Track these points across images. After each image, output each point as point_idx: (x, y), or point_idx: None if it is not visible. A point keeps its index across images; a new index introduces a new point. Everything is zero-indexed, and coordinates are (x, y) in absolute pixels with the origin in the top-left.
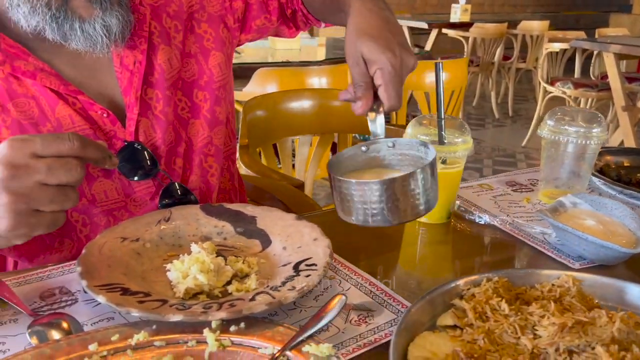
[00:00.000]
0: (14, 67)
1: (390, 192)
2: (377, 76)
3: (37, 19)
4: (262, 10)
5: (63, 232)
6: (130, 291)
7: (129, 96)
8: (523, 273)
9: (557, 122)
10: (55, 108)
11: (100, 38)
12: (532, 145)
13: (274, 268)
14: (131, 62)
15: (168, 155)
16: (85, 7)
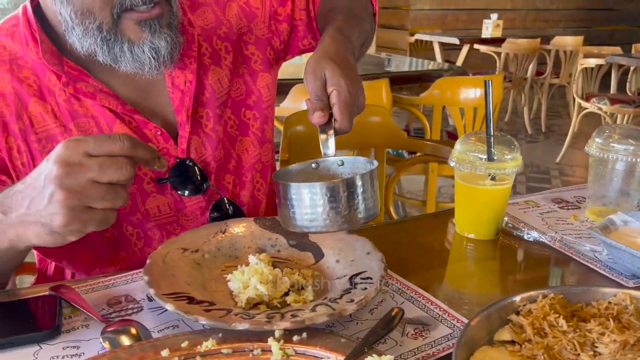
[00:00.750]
0: (76, 88)
1: (329, 196)
2: (333, 95)
3: (89, 41)
4: (309, 30)
5: (119, 245)
6: (196, 300)
7: (181, 115)
8: (579, 290)
9: (605, 139)
10: (112, 127)
11: (148, 60)
12: (567, 161)
13: (329, 280)
14: (182, 82)
15: (218, 171)
16: (134, 30)
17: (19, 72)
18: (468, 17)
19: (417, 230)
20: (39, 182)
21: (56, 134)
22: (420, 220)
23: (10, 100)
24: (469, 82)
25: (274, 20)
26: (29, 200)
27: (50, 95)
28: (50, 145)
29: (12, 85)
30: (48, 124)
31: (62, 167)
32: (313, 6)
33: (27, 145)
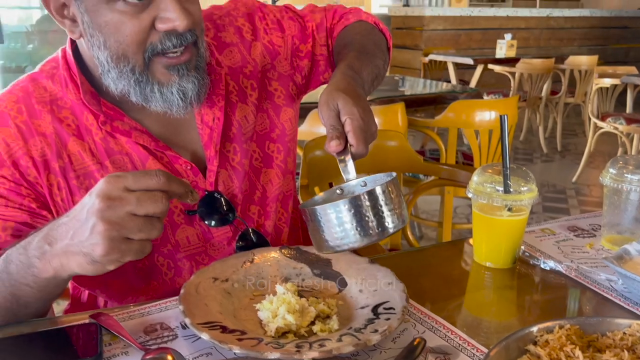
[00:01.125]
0: (113, 126)
1: (354, 210)
2: (347, 123)
3: (123, 82)
4: (329, 64)
5: (150, 275)
6: (228, 329)
7: (210, 150)
8: (594, 321)
9: (619, 170)
10: (145, 163)
11: (176, 101)
12: (583, 181)
13: (352, 310)
14: (210, 119)
15: (244, 203)
16: (163, 73)
17: (59, 113)
18: (482, 36)
19: (436, 259)
20: (81, 214)
21: (93, 171)
22: (438, 248)
23: (51, 140)
24: (483, 105)
25: (295, 57)
26: (72, 232)
27: (88, 134)
28: (87, 181)
29: (53, 125)
30: (86, 161)
31: (103, 201)
32: (331, 41)
33: (67, 182)
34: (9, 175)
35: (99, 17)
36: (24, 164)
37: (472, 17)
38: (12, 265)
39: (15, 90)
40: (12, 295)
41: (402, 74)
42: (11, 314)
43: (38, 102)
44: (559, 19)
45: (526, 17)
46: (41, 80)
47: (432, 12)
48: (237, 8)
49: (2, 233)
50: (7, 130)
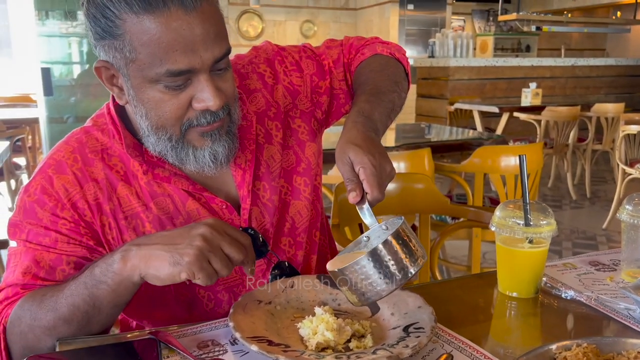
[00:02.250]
0: (154, 174)
1: (375, 263)
2: (361, 173)
3: (161, 147)
4: (350, 97)
5: (192, 306)
6: (274, 343)
7: (243, 190)
8: (610, 341)
9: (635, 206)
10: (185, 203)
11: (207, 163)
12: (614, 227)
13: (385, 330)
14: (243, 161)
15: (275, 236)
16: (198, 139)
17: (109, 161)
18: (507, 85)
19: (463, 289)
20: (185, 231)
21: (139, 212)
22: (465, 279)
23: (102, 185)
24: (509, 151)
25: (315, 94)
26: (170, 239)
27: (134, 179)
28: (134, 221)
29: (104, 172)
30: (132, 203)
31: (209, 229)
32: (349, 75)
33: (117, 223)
34: (69, 217)
35: (143, 94)
36: (81, 206)
37: (497, 67)
38: (97, 268)
39: (71, 141)
40: (90, 297)
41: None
42: (86, 319)
43: (91, 151)
44: (584, 68)
45: (551, 66)
46: (93, 132)
47: (457, 63)
48: (258, 55)
49: (66, 267)
50: (66, 177)
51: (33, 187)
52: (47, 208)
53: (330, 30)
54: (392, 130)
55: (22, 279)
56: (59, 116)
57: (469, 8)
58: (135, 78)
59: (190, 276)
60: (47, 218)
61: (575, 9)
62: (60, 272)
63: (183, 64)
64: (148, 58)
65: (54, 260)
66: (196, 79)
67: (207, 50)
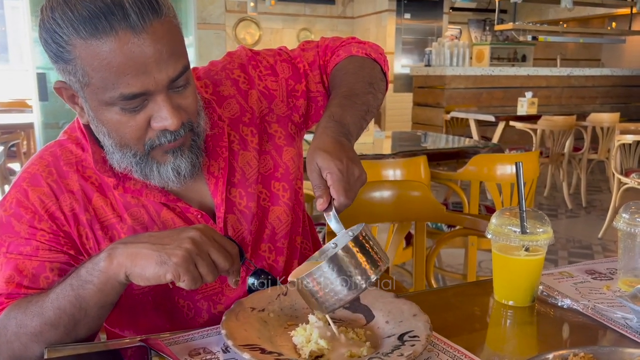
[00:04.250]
0: (125, 187)
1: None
2: (328, 178)
3: (125, 163)
4: (328, 98)
5: (172, 315)
6: (267, 351)
7: (216, 197)
8: (607, 350)
9: (631, 214)
10: (160, 213)
11: (171, 178)
12: (609, 237)
13: (379, 339)
14: (216, 169)
15: (254, 243)
16: (161, 156)
17: (83, 172)
18: (503, 95)
19: (458, 297)
20: (175, 233)
21: (114, 223)
22: (461, 288)
23: (78, 196)
24: (505, 159)
25: (291, 97)
26: (158, 239)
27: (109, 190)
28: (110, 232)
29: (79, 183)
30: (108, 214)
31: (199, 233)
32: (326, 77)
33: (94, 233)
34: (47, 228)
35: (101, 115)
36: (58, 216)
37: (493, 76)
38: (82, 269)
39: (45, 155)
40: (76, 298)
41: (424, 130)
42: (73, 323)
43: (65, 164)
44: (580, 78)
45: (547, 76)
46: (67, 145)
47: (454, 72)
48: (232, 61)
49: (50, 274)
50: (41, 189)
51: (8, 201)
52: (24, 220)
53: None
54: (389, 139)
55: (6, 288)
56: (55, 121)
57: (466, 17)
58: (92, 100)
59: (175, 277)
60: (25, 230)
61: (571, 20)
62: (44, 280)
63: (136, 87)
64: (101, 82)
65: (37, 267)
66: (152, 100)
67: (161, 70)
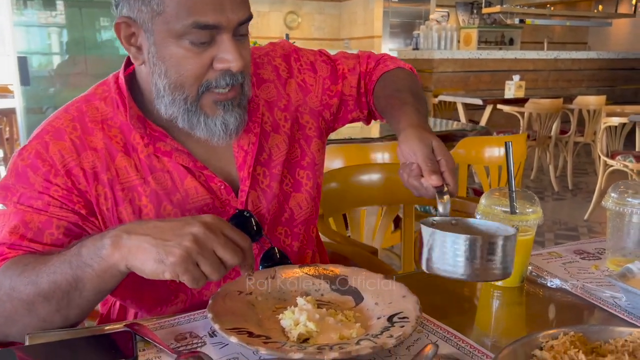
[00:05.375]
0: (156, 147)
1: (474, 249)
2: (442, 164)
3: (174, 109)
4: (357, 105)
5: (179, 288)
6: (254, 334)
7: (243, 171)
8: (597, 329)
9: (620, 194)
10: (184, 181)
11: (218, 132)
12: (595, 218)
13: (369, 320)
14: (246, 143)
15: (271, 223)
16: (211, 107)
17: (109, 131)
18: (491, 78)
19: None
20: (178, 227)
21: (136, 185)
22: None
23: (101, 154)
24: (493, 142)
25: (325, 95)
26: (161, 232)
27: (134, 151)
28: (131, 194)
29: (104, 141)
30: (131, 176)
31: (203, 227)
32: (365, 83)
33: (113, 193)
34: (62, 183)
35: (165, 49)
36: (76, 173)
37: (481, 59)
38: (84, 249)
39: (71, 109)
40: (74, 278)
41: None
42: (66, 300)
43: (91, 120)
44: (567, 61)
45: (534, 59)
46: (94, 102)
47: (441, 55)
48: (275, 50)
49: (56, 231)
50: (63, 144)
51: (28, 151)
52: (40, 173)
53: (315, 22)
54: (377, 122)
55: (9, 238)
56: (37, 106)
57: (453, 0)
58: (159, 33)
59: (173, 277)
60: (40, 183)
61: (557, 3)
62: (49, 236)
63: (211, 18)
64: (175, 10)
65: (44, 222)
66: (220, 39)
67: (234, 11)
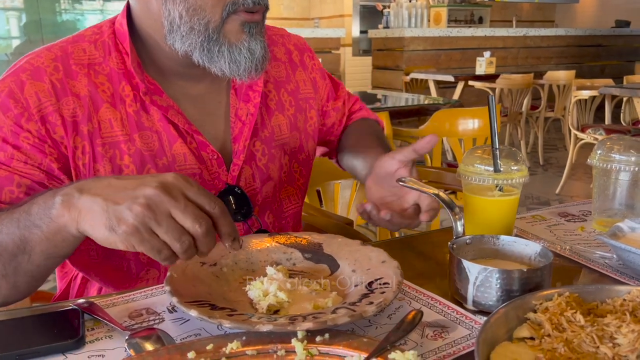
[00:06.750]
0: (152, 99)
1: None
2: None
3: (191, 39)
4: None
5: (151, 263)
6: (218, 307)
7: (238, 143)
8: (593, 288)
9: (606, 151)
10: (173, 145)
11: (244, 60)
12: (566, 192)
13: (346, 289)
14: (244, 113)
15: (262, 206)
16: (236, 31)
17: (95, 77)
18: (461, 56)
19: (428, 245)
20: (131, 184)
21: (120, 142)
22: (430, 234)
23: (84, 102)
24: (466, 114)
25: (324, 104)
26: (113, 193)
27: (122, 104)
28: (112, 151)
29: (88, 88)
30: (115, 130)
31: (158, 189)
32: (346, 118)
33: (92, 147)
34: (34, 130)
35: None
36: (53, 121)
37: (451, 37)
38: (35, 206)
39: (54, 48)
40: (21, 239)
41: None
42: (14, 264)
43: (76, 63)
44: (535, 38)
45: (503, 36)
46: (82, 43)
47: (412, 33)
48: (290, 36)
49: (16, 189)
50: (42, 85)
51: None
52: (11, 115)
53: (284, 1)
54: None
55: None
56: None
57: None
58: None
59: (129, 248)
60: (8, 127)
61: None
62: (7, 193)
63: None
64: None
65: (4, 178)
66: None
67: None
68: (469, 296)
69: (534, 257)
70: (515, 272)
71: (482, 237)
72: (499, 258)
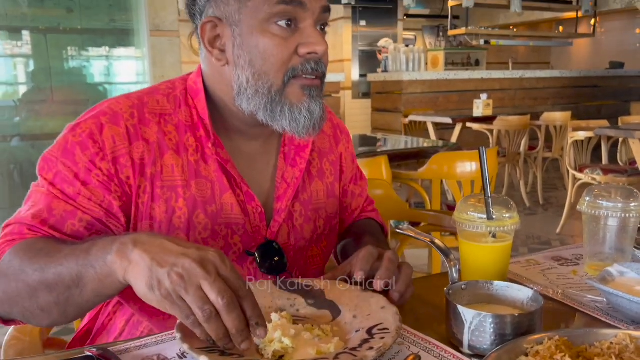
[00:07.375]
0: (217, 151)
1: None
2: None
3: (256, 100)
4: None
5: None
6: (227, 353)
7: (281, 203)
8: (582, 332)
9: (594, 197)
10: (223, 195)
11: (303, 119)
12: (567, 232)
13: (348, 334)
14: (290, 176)
15: (292, 262)
16: (297, 94)
17: (164, 126)
18: (459, 98)
19: (426, 290)
20: (177, 252)
21: (178, 186)
22: (428, 279)
23: (152, 147)
24: (464, 157)
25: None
26: (161, 252)
27: (185, 152)
28: (169, 193)
29: (157, 135)
30: (175, 175)
31: (195, 262)
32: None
33: (152, 189)
34: (105, 169)
35: (250, 40)
36: (123, 162)
37: (449, 80)
38: (95, 248)
39: (132, 97)
40: (77, 275)
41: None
42: (66, 295)
43: (149, 112)
44: (532, 80)
45: (500, 78)
46: (156, 95)
47: (410, 77)
48: (332, 113)
49: (78, 223)
50: (118, 130)
51: (81, 129)
52: (88, 154)
53: None
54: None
55: (31, 220)
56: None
57: (420, 24)
58: (246, 22)
59: (161, 308)
60: (83, 164)
61: (520, 24)
62: (70, 226)
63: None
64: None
65: (69, 212)
66: (303, 26)
67: None
68: (465, 340)
69: (526, 301)
70: (507, 316)
71: (477, 283)
72: (493, 303)
